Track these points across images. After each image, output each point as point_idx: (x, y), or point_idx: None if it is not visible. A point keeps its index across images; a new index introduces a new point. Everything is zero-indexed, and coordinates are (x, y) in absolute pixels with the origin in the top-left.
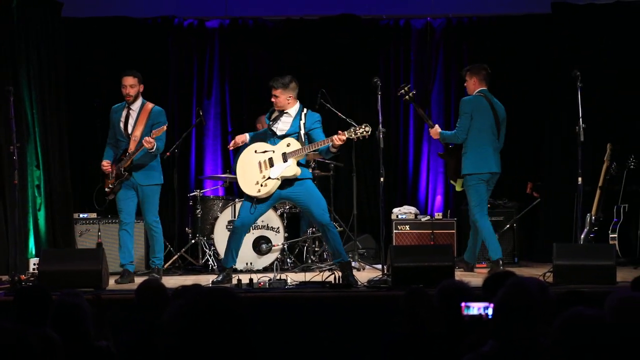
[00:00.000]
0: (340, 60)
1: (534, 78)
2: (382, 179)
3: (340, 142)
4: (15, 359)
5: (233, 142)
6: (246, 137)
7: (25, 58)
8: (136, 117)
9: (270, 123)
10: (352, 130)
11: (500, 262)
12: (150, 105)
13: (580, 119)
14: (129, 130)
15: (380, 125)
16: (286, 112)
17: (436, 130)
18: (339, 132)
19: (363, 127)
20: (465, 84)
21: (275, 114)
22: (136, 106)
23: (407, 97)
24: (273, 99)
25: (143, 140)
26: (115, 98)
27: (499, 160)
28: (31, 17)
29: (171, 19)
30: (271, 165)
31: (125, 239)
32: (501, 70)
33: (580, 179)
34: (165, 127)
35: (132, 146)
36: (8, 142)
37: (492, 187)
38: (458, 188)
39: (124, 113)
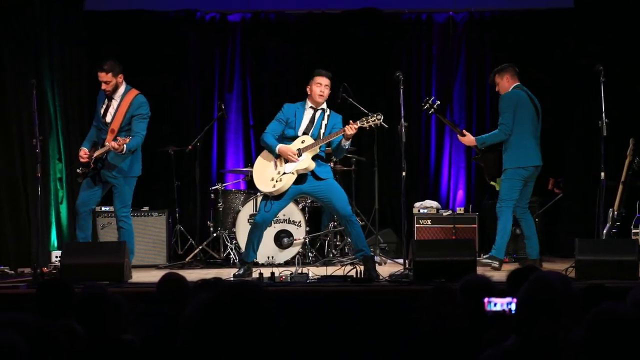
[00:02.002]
0: (362, 54)
1: (556, 73)
2: (403, 173)
3: (352, 132)
4: (38, 351)
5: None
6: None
7: (47, 51)
8: (117, 107)
9: (307, 123)
10: (364, 119)
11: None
12: (133, 93)
13: (603, 114)
14: (107, 119)
15: (403, 120)
16: (320, 109)
17: (469, 138)
18: (350, 122)
19: (375, 115)
20: (497, 88)
21: (311, 112)
22: (118, 95)
23: (432, 110)
24: (325, 90)
25: (110, 144)
26: None
27: (540, 153)
28: (53, 11)
29: (193, 13)
30: (286, 161)
31: (81, 231)
32: (523, 64)
33: (603, 174)
34: (128, 139)
35: (109, 137)
36: (31, 135)
37: (534, 181)
38: (498, 187)
39: (106, 101)
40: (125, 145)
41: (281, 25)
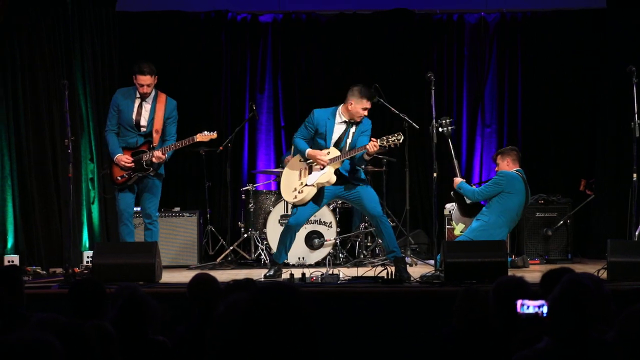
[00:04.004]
0: (393, 55)
1: (588, 73)
2: (435, 174)
3: (374, 149)
4: (71, 351)
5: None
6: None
7: (79, 52)
8: (151, 110)
9: (337, 138)
10: (384, 138)
11: None
12: (164, 96)
13: (636, 115)
14: (144, 122)
15: (434, 121)
16: (352, 122)
17: (457, 180)
18: (372, 139)
19: (395, 135)
20: (497, 168)
21: (343, 127)
22: (150, 97)
23: (444, 131)
24: (366, 112)
25: (154, 158)
26: (168, 93)
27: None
28: (85, 11)
29: (225, 14)
30: (309, 172)
31: (130, 236)
32: (555, 65)
33: (635, 175)
34: (174, 146)
35: (156, 139)
36: (63, 135)
37: None
38: (456, 232)
39: (136, 104)
40: (167, 155)
41: (312, 26)
